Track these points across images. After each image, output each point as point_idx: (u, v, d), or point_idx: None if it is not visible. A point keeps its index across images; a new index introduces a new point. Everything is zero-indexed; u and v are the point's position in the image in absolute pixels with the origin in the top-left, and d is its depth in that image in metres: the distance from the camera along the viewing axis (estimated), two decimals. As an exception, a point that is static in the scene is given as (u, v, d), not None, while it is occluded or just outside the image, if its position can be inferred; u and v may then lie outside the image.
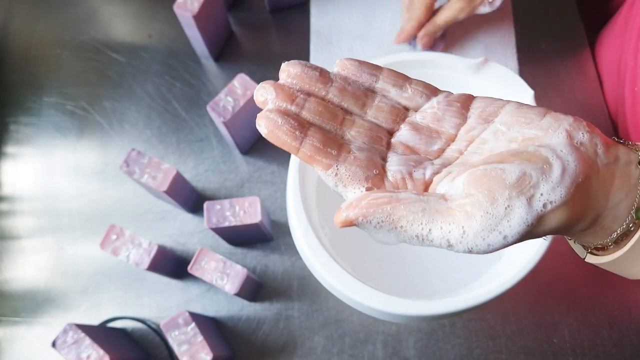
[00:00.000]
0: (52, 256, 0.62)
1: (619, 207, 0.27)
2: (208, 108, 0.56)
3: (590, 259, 0.31)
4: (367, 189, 0.27)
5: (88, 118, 0.68)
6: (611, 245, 0.29)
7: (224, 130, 0.60)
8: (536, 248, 0.46)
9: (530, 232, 0.25)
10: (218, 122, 0.58)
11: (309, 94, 0.28)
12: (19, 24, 0.73)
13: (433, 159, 0.29)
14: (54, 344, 0.50)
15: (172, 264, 0.59)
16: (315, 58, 0.68)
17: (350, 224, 0.25)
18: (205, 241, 0.62)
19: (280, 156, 0.65)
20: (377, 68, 0.30)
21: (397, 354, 0.57)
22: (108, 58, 0.71)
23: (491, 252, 0.25)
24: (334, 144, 0.27)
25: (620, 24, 0.66)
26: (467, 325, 0.58)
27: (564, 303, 0.59)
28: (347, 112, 0.29)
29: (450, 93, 0.30)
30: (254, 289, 0.58)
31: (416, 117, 0.29)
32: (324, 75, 0.28)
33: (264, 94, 0.28)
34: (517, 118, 0.28)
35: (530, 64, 0.67)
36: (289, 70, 0.28)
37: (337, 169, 0.27)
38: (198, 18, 0.60)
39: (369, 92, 0.29)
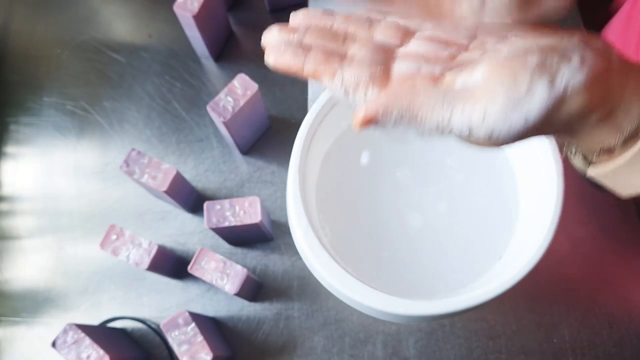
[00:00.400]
0: (52, 256, 0.62)
1: (631, 105, 0.27)
2: (208, 108, 0.56)
3: (592, 171, 0.31)
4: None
5: (88, 118, 0.68)
6: (618, 146, 0.28)
7: (224, 130, 0.60)
8: (536, 248, 0.46)
9: (550, 115, 0.25)
10: (218, 122, 0.58)
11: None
12: (19, 24, 0.73)
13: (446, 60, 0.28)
14: (53, 344, 0.50)
15: (172, 264, 0.59)
16: (315, 58, 0.68)
17: (369, 121, 0.25)
18: (205, 241, 0.62)
19: (280, 156, 0.65)
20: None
21: (397, 354, 0.57)
22: (108, 58, 0.70)
23: (511, 137, 0.25)
24: (336, 55, 0.27)
25: (621, 24, 0.66)
26: (467, 325, 0.58)
27: (564, 303, 0.59)
28: (351, 37, 0.29)
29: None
30: (254, 289, 0.58)
31: (426, 32, 0.29)
32: (327, 11, 0.29)
33: (269, 33, 0.29)
34: (531, 31, 0.27)
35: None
36: (295, 17, 0.30)
37: (342, 75, 0.27)
38: (198, 18, 0.60)
39: (375, 18, 0.30)
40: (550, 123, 0.25)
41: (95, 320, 0.59)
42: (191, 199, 0.62)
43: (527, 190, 0.53)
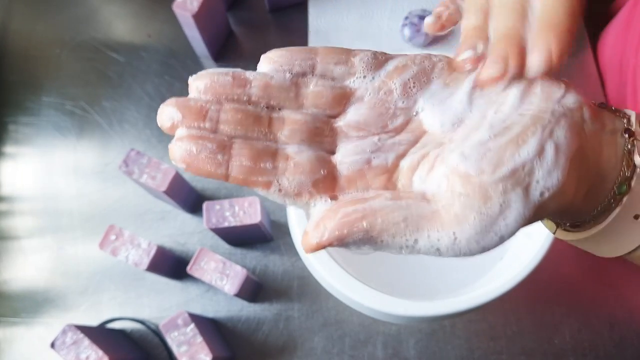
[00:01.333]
0: (52, 256, 0.62)
1: (605, 180, 0.25)
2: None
3: (561, 234, 0.29)
4: (332, 197, 0.23)
5: (87, 118, 0.68)
6: (588, 222, 0.27)
7: (223, 130, 0.59)
8: (537, 249, 0.46)
9: (526, 225, 0.22)
10: (218, 122, 0.58)
11: (223, 102, 0.23)
12: (18, 23, 0.73)
13: (395, 136, 0.24)
14: (53, 345, 0.50)
15: (172, 265, 0.59)
16: (315, 58, 0.68)
17: (321, 248, 0.21)
18: (205, 241, 0.62)
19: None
20: (312, 50, 0.24)
21: (398, 354, 0.57)
22: (107, 58, 0.70)
23: (485, 251, 0.22)
24: (266, 156, 0.22)
25: (622, 23, 0.66)
26: (467, 326, 0.58)
27: (565, 304, 0.59)
28: (274, 109, 0.24)
29: (408, 56, 0.26)
30: (254, 289, 0.58)
31: (367, 93, 0.24)
32: (237, 78, 0.23)
33: (168, 116, 0.22)
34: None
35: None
36: (196, 85, 0.23)
37: (279, 184, 0.22)
38: (197, 18, 0.60)
39: (301, 80, 0.24)
40: (524, 225, 0.23)
41: (94, 321, 0.59)
42: (190, 199, 0.62)
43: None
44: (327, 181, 0.23)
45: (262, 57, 0.24)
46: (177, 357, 0.50)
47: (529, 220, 0.22)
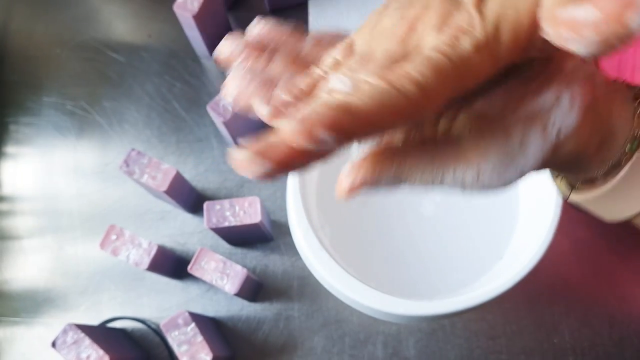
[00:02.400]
0: (52, 256, 0.62)
1: (616, 135, 0.26)
2: (208, 108, 0.55)
3: (575, 196, 0.30)
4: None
5: (88, 118, 0.68)
6: (599, 178, 0.28)
7: (224, 130, 0.59)
8: (536, 248, 0.46)
9: (545, 163, 0.24)
10: (218, 122, 0.58)
11: (278, 47, 0.25)
12: (18, 23, 0.73)
13: None
14: (53, 344, 0.50)
15: (172, 264, 0.59)
16: (315, 58, 0.68)
17: (356, 192, 0.23)
18: (205, 241, 0.62)
19: (280, 156, 0.65)
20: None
21: (397, 354, 0.57)
22: (108, 58, 0.70)
23: (506, 187, 0.24)
24: (305, 93, 0.24)
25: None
26: (467, 326, 0.58)
27: (565, 303, 0.59)
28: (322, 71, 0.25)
29: None
30: (254, 289, 0.58)
31: None
32: (296, 30, 0.26)
33: (229, 46, 0.25)
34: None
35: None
36: (258, 27, 0.25)
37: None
38: (198, 18, 0.60)
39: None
40: (544, 167, 0.25)
41: (95, 321, 0.59)
42: (191, 199, 0.62)
43: (528, 190, 0.53)
44: None
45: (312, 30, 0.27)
46: (177, 357, 0.50)
47: (547, 157, 0.23)
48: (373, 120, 0.19)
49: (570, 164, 0.27)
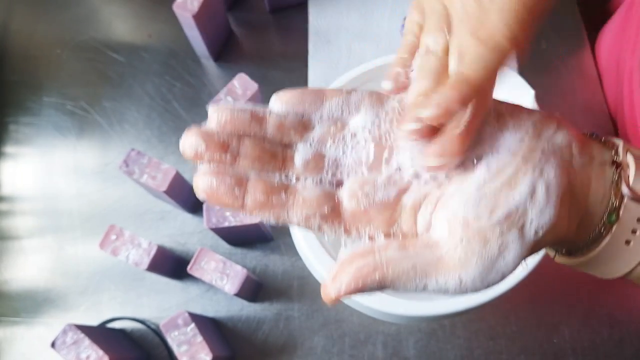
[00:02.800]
0: (52, 256, 0.62)
1: (594, 212, 0.26)
2: (208, 108, 0.55)
3: (560, 259, 0.30)
4: (345, 232, 0.25)
5: (88, 118, 0.68)
6: (583, 249, 0.28)
7: (223, 130, 0.59)
8: (536, 248, 0.46)
9: (525, 258, 0.24)
10: (218, 122, 0.58)
11: (242, 136, 0.25)
12: (19, 24, 0.73)
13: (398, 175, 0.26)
14: (53, 345, 0.50)
15: (172, 264, 0.59)
16: (314, 57, 0.68)
17: (341, 299, 0.24)
18: (205, 241, 0.62)
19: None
20: (320, 93, 0.27)
21: (397, 354, 0.57)
22: (108, 58, 0.70)
23: (490, 287, 0.24)
24: (277, 191, 0.25)
25: (620, 23, 0.66)
26: (467, 326, 0.58)
27: (564, 303, 0.59)
28: (288, 146, 0.26)
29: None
30: (254, 289, 0.58)
31: (368, 131, 0.26)
32: (255, 115, 0.26)
33: (193, 145, 0.25)
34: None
35: (530, 64, 0.67)
36: (217, 117, 0.26)
37: (288, 216, 0.25)
38: (198, 18, 0.60)
39: (308, 119, 0.27)
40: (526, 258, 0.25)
41: (94, 321, 0.59)
42: (191, 199, 0.62)
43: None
44: (331, 216, 0.25)
45: (274, 96, 0.26)
46: (177, 357, 0.50)
47: (526, 256, 0.24)
48: None
49: (549, 247, 0.28)
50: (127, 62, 0.70)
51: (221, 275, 0.52)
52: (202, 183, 0.24)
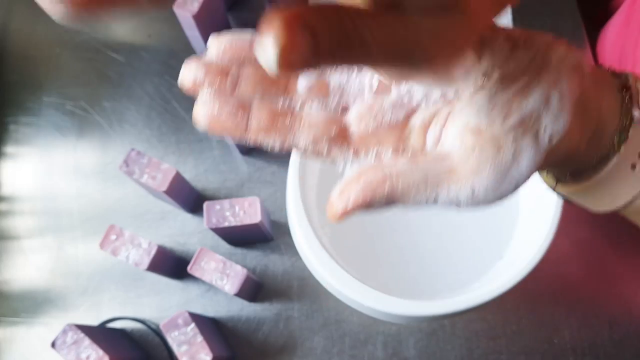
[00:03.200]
0: (52, 256, 0.62)
1: (605, 128, 0.26)
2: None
3: (562, 187, 0.29)
4: (354, 153, 0.24)
5: (88, 118, 0.68)
6: (586, 171, 0.27)
7: (223, 130, 0.59)
8: (537, 248, 0.46)
9: (539, 169, 0.23)
10: (218, 122, 0.58)
11: (243, 62, 0.24)
12: (18, 23, 0.73)
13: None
14: (53, 345, 0.50)
15: (172, 264, 0.59)
16: (315, 58, 0.68)
17: (348, 215, 0.22)
18: (205, 241, 0.62)
19: (280, 156, 0.65)
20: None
21: (398, 354, 0.57)
22: (107, 58, 0.70)
23: (503, 199, 0.23)
24: (282, 115, 0.24)
25: (621, 21, 0.66)
26: (467, 326, 0.58)
27: (565, 303, 0.59)
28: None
29: None
30: (254, 289, 0.58)
31: None
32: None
33: (191, 74, 0.24)
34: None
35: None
36: (216, 46, 0.24)
37: (294, 140, 0.23)
38: (198, 18, 0.60)
39: None
40: (540, 170, 0.25)
41: (94, 321, 0.59)
42: (191, 199, 0.62)
43: (528, 190, 0.52)
44: (339, 139, 0.24)
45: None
46: (177, 357, 0.50)
47: (540, 164, 0.23)
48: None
49: (560, 162, 0.27)
50: (126, 62, 0.70)
51: (221, 275, 0.52)
52: (203, 110, 0.23)
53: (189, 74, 0.24)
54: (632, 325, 0.58)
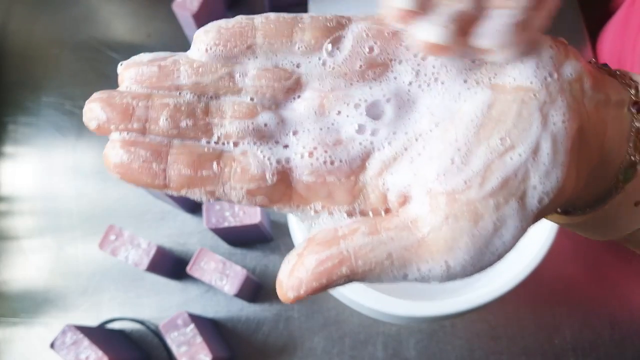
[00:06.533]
0: (51, 256, 0.62)
1: (608, 164, 0.21)
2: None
3: (553, 218, 0.25)
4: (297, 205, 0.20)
5: (87, 118, 0.68)
6: (584, 209, 0.23)
7: (223, 130, 0.59)
8: (538, 249, 0.46)
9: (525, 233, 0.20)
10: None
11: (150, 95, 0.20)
12: (17, 23, 0.73)
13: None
14: (52, 345, 0.50)
15: (171, 265, 0.59)
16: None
17: (300, 299, 0.19)
18: (205, 241, 0.61)
19: (280, 156, 0.65)
20: (249, 23, 0.21)
21: (398, 355, 0.57)
22: (107, 57, 0.70)
23: (481, 271, 0.20)
24: (208, 160, 0.19)
25: (621, 22, 0.66)
26: (468, 326, 0.58)
27: (566, 304, 0.59)
28: (212, 99, 0.20)
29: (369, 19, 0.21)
30: (254, 289, 0.58)
31: (320, 76, 0.20)
32: (164, 67, 0.20)
33: (93, 115, 0.19)
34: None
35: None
36: (125, 76, 0.20)
37: (225, 193, 0.19)
38: (197, 17, 0.60)
39: (239, 62, 0.20)
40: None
41: (94, 321, 0.59)
42: (190, 199, 0.62)
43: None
44: (281, 189, 0.20)
45: (195, 35, 0.21)
46: (176, 357, 0.49)
47: (526, 229, 0.19)
48: None
49: (549, 214, 0.23)
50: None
51: (221, 275, 0.52)
52: (112, 157, 0.19)
53: (91, 114, 0.19)
54: (633, 326, 0.58)
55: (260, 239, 0.60)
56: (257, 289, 0.59)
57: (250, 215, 0.53)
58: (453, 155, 0.19)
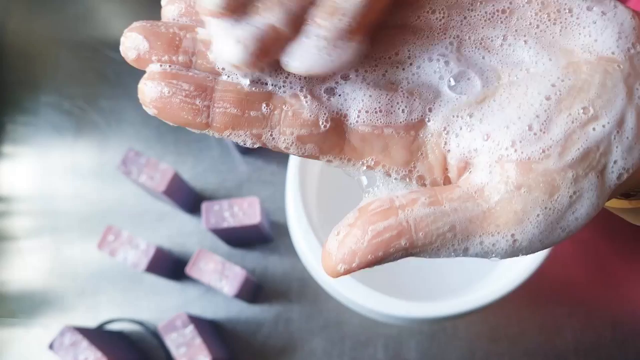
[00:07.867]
0: (49, 257, 0.62)
1: None
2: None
3: (612, 202, 0.24)
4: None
5: (85, 117, 0.67)
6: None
7: (222, 130, 0.59)
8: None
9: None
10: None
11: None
12: (16, 23, 0.73)
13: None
14: (51, 347, 0.50)
15: (170, 265, 0.58)
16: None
17: (351, 272, 0.17)
18: (204, 242, 0.61)
19: (279, 156, 0.65)
20: None
21: (398, 356, 0.57)
22: (105, 57, 0.70)
23: (547, 248, 0.18)
24: (257, 100, 0.18)
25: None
26: (469, 328, 0.58)
27: (567, 305, 0.59)
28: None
29: None
30: (253, 290, 0.58)
31: None
32: None
33: (133, 45, 0.18)
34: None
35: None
36: (171, 9, 0.18)
37: (272, 137, 0.18)
38: (196, 16, 0.60)
39: None
40: None
41: (92, 322, 0.58)
42: (189, 200, 0.62)
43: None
44: (333, 138, 0.18)
45: None
46: (175, 359, 0.49)
47: (601, 208, 0.18)
48: None
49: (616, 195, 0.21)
50: (124, 61, 0.69)
51: (220, 276, 0.52)
52: (149, 91, 0.18)
53: (131, 44, 0.18)
54: (634, 326, 0.58)
55: (260, 240, 0.60)
56: (257, 290, 0.59)
57: (250, 216, 0.52)
58: (531, 122, 0.17)
